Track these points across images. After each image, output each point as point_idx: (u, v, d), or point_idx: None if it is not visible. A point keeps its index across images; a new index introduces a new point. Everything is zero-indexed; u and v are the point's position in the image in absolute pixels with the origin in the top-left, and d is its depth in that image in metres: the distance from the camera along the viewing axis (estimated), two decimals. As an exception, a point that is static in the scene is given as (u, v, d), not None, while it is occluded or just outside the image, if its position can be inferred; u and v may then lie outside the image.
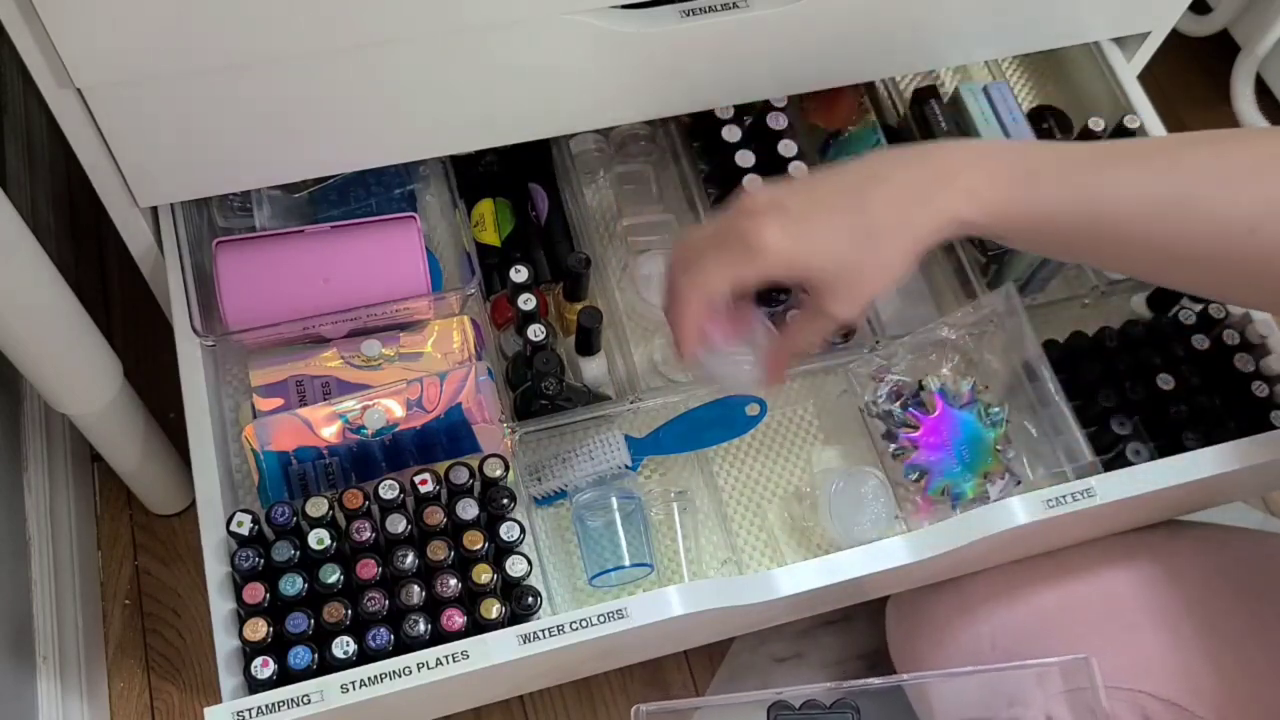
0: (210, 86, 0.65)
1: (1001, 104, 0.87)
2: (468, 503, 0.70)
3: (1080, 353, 0.82)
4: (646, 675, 1.03)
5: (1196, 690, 0.74)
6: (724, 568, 0.78)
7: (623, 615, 0.65)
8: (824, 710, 0.60)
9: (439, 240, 0.87)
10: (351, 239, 0.77)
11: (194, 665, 1.02)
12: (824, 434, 0.84)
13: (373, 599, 0.66)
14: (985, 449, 0.78)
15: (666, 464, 0.81)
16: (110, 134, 0.67)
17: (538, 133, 0.78)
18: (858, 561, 0.69)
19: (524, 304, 0.76)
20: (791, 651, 1.04)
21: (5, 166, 1.06)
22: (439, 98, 0.72)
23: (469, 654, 0.63)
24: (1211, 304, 0.83)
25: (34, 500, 0.97)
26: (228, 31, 0.61)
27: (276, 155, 0.73)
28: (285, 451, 0.71)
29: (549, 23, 0.68)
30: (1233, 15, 1.32)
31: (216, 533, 0.68)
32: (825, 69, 0.80)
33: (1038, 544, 0.80)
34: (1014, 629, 0.79)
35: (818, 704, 0.60)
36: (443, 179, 0.86)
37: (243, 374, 0.78)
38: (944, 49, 0.83)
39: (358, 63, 0.67)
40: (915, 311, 0.86)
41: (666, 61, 0.74)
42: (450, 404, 0.73)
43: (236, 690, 0.65)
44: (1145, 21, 0.89)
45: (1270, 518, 1.16)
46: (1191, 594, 0.78)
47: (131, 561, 1.06)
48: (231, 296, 0.75)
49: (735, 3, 0.72)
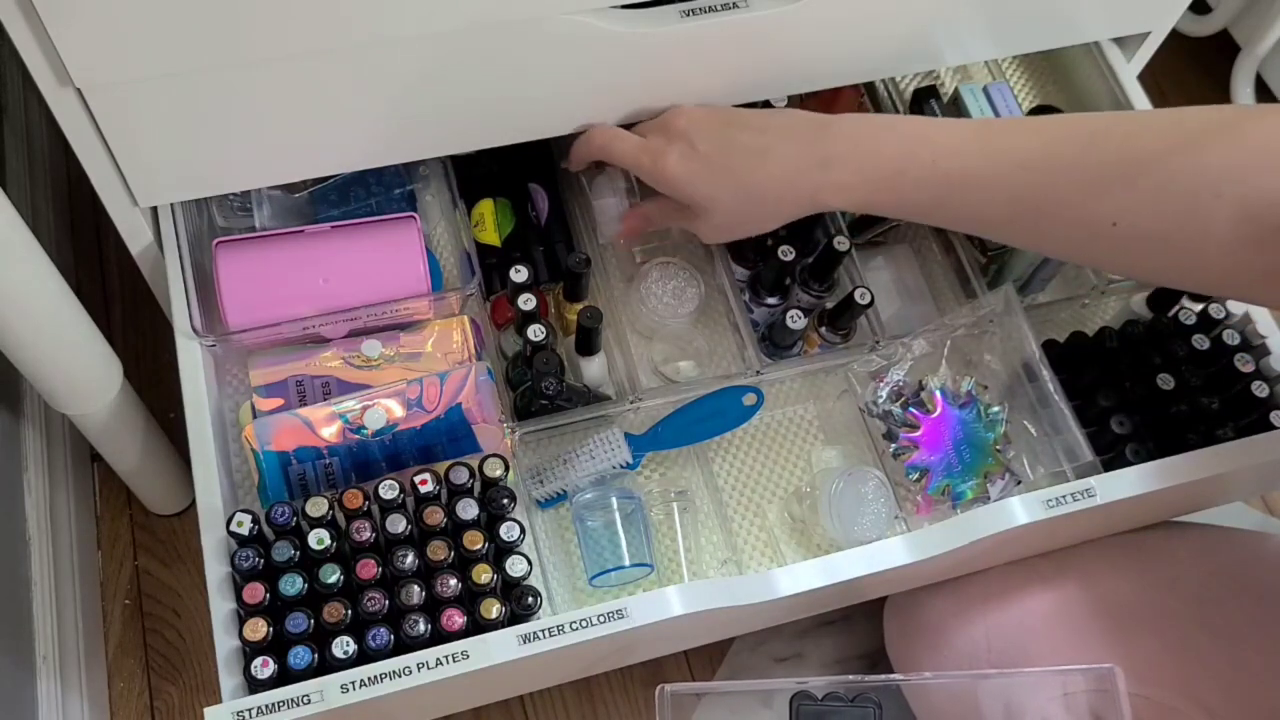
0: (210, 86, 0.65)
1: (1001, 104, 0.88)
2: (468, 503, 0.70)
3: (1080, 353, 0.82)
4: (646, 675, 1.03)
5: (1194, 692, 0.73)
6: (724, 568, 0.78)
7: (623, 615, 0.65)
8: (846, 703, 0.60)
9: (439, 240, 0.87)
10: (351, 239, 0.77)
11: (194, 665, 1.02)
12: (824, 434, 0.84)
13: (373, 599, 0.66)
14: (985, 449, 0.78)
15: (666, 464, 0.81)
16: (110, 134, 0.67)
17: (538, 133, 0.78)
18: (857, 561, 0.69)
19: (524, 304, 0.76)
20: (791, 651, 1.04)
21: (5, 166, 1.06)
22: (439, 98, 0.72)
23: (469, 654, 0.63)
24: (1211, 304, 0.83)
25: (34, 500, 0.97)
26: (227, 31, 0.61)
27: (276, 155, 0.73)
28: (285, 451, 0.71)
29: (549, 23, 0.68)
30: (1233, 15, 1.32)
31: (216, 533, 0.68)
32: (825, 69, 0.80)
33: (1037, 544, 0.80)
34: (1010, 629, 0.79)
35: (839, 696, 0.60)
36: (443, 179, 0.86)
37: (243, 374, 0.78)
38: (944, 49, 0.83)
39: (358, 62, 0.67)
40: (915, 311, 0.86)
41: (666, 61, 0.74)
42: (450, 404, 0.73)
43: (236, 690, 0.65)
44: (1145, 21, 0.89)
45: (1270, 518, 1.16)
46: (1191, 595, 0.78)
47: (131, 561, 1.06)
48: (231, 296, 0.75)
49: (735, 3, 0.72)
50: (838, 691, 0.61)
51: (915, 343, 0.80)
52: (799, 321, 0.78)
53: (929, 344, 0.81)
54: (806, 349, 0.81)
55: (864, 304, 0.77)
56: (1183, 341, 0.82)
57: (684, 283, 0.84)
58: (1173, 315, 0.84)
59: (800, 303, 0.81)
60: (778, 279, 0.81)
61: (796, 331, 0.78)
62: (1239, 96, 1.31)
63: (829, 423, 0.84)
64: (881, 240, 0.88)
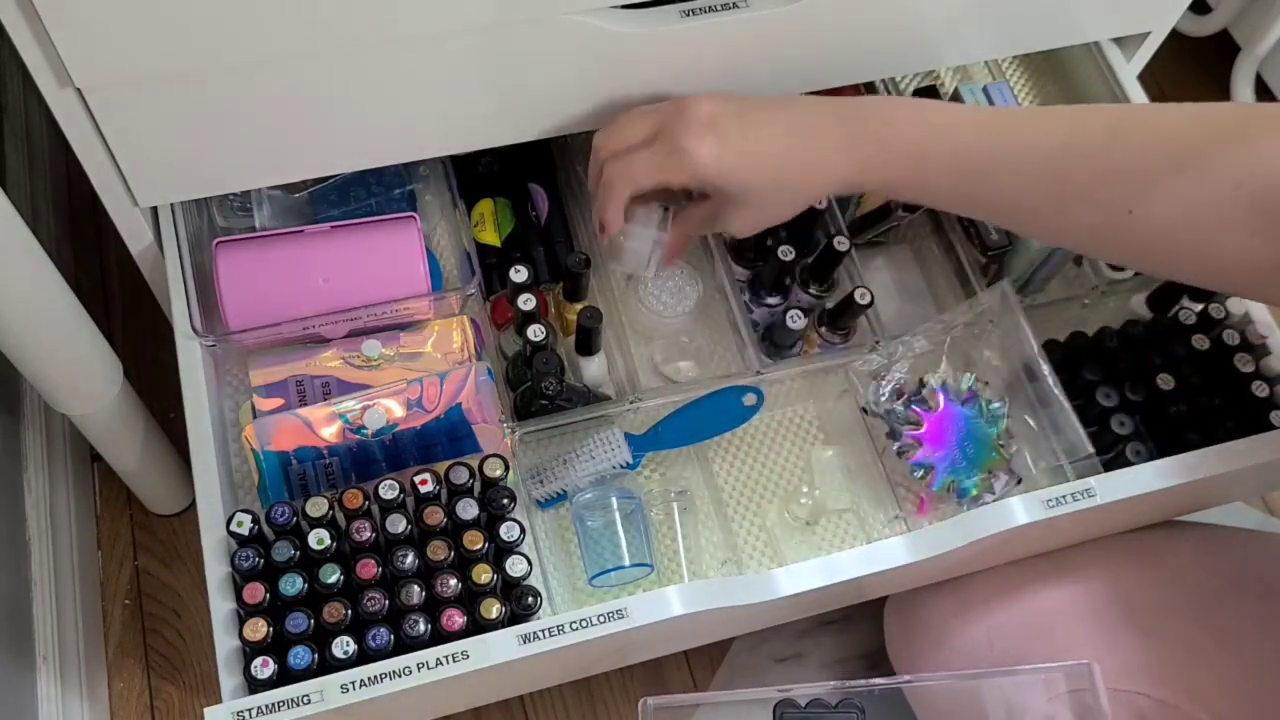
0: (210, 86, 0.65)
1: (1001, 104, 0.88)
2: (468, 503, 0.70)
3: (1080, 353, 0.82)
4: (646, 675, 1.03)
5: (1194, 691, 0.73)
6: (724, 568, 0.78)
7: (623, 615, 0.65)
8: (829, 710, 0.60)
9: (439, 240, 0.87)
10: (351, 239, 0.77)
11: (194, 665, 1.02)
12: (824, 434, 0.84)
13: (373, 599, 0.66)
14: (989, 444, 0.78)
15: (666, 463, 0.81)
16: (110, 134, 0.67)
17: (538, 133, 0.78)
18: (858, 561, 0.69)
19: (524, 304, 0.76)
20: (791, 651, 1.04)
21: (5, 166, 1.06)
22: (439, 98, 0.72)
23: (469, 654, 0.63)
24: (1211, 304, 0.83)
25: (34, 500, 0.97)
26: (227, 31, 0.61)
27: (276, 155, 0.73)
28: (285, 451, 0.71)
29: (549, 23, 0.68)
30: (1233, 15, 1.32)
31: (216, 533, 0.68)
32: (825, 69, 0.80)
33: (1037, 544, 0.80)
34: (1012, 630, 0.79)
35: (823, 703, 0.60)
36: (443, 179, 0.86)
37: (243, 374, 0.78)
38: (944, 49, 0.83)
39: (357, 63, 0.67)
40: (915, 311, 0.86)
41: (666, 61, 0.74)
42: (450, 404, 0.73)
43: (236, 690, 0.65)
44: (1145, 21, 0.89)
45: (1270, 518, 1.16)
46: (1190, 594, 0.78)
47: (131, 561, 1.06)
48: (231, 296, 0.75)
49: (735, 3, 0.72)
50: (822, 698, 0.61)
51: (915, 341, 0.80)
52: (799, 321, 0.78)
53: (929, 342, 0.81)
54: (806, 349, 0.81)
55: (864, 304, 0.77)
56: (1183, 341, 0.82)
57: (683, 282, 0.84)
58: (1173, 315, 0.84)
59: (800, 303, 0.81)
60: (778, 279, 0.81)
61: (796, 331, 0.78)
62: (1239, 96, 1.31)
63: (829, 423, 0.84)
64: (881, 240, 0.88)
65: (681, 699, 0.66)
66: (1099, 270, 0.85)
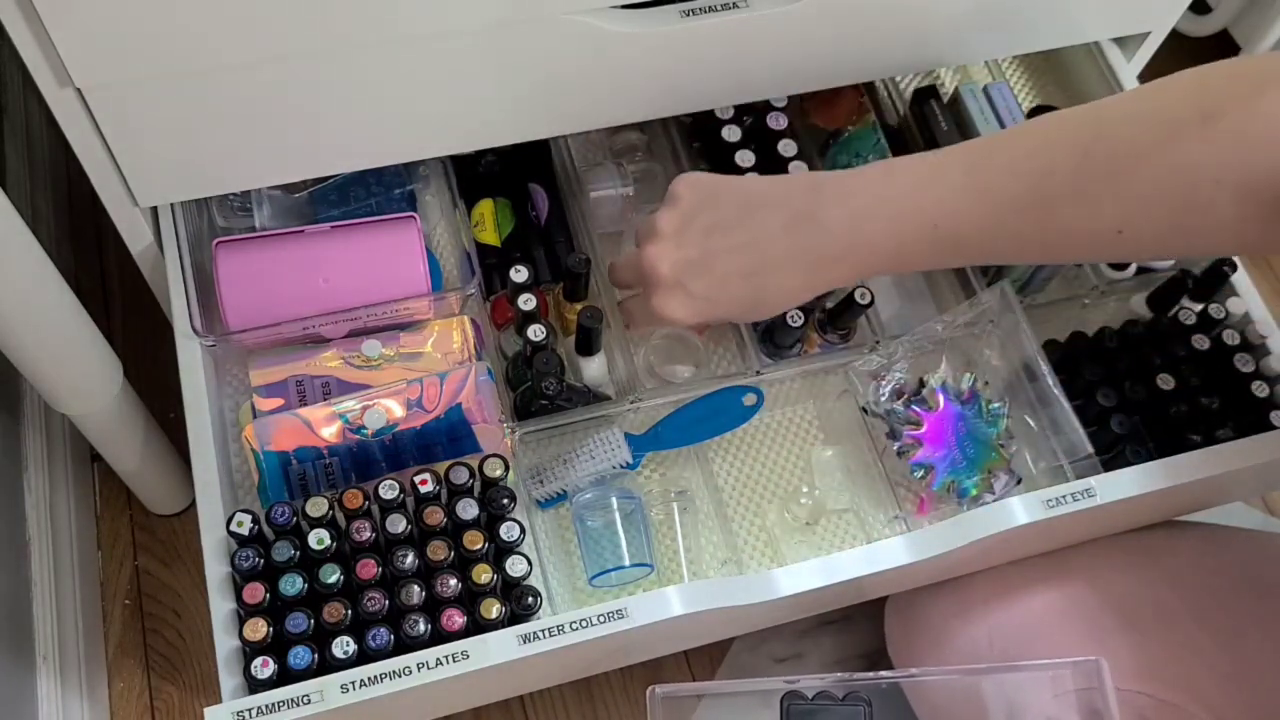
0: (209, 86, 0.65)
1: (1001, 104, 0.88)
2: (468, 503, 0.70)
3: (1080, 353, 0.82)
4: (646, 675, 1.03)
5: (1195, 691, 0.73)
6: (724, 568, 0.78)
7: (623, 615, 0.65)
8: (836, 702, 0.60)
9: (439, 240, 0.87)
10: (351, 239, 0.77)
11: (194, 665, 1.02)
12: (824, 434, 0.84)
13: (373, 599, 0.66)
14: (989, 444, 0.78)
15: (666, 463, 0.81)
16: (110, 134, 0.67)
17: (538, 133, 0.78)
18: (858, 561, 0.69)
19: (524, 304, 0.76)
20: (791, 651, 1.04)
21: (5, 166, 1.06)
22: (439, 98, 0.72)
23: (469, 654, 0.63)
24: (1211, 304, 0.83)
25: (34, 500, 0.97)
26: (227, 31, 0.61)
27: (276, 155, 0.73)
28: (285, 451, 0.71)
29: (549, 23, 0.68)
30: (1233, 15, 1.32)
31: (216, 533, 0.68)
32: (825, 69, 0.80)
33: (1037, 544, 0.80)
34: (1012, 630, 0.79)
35: (830, 695, 0.60)
36: (443, 179, 0.86)
37: (243, 374, 0.78)
38: (944, 49, 0.83)
39: (357, 62, 0.67)
40: (915, 311, 0.86)
41: (666, 61, 0.74)
42: (450, 404, 0.73)
43: (236, 690, 0.65)
44: (1145, 21, 0.89)
45: (1270, 518, 1.16)
46: (1191, 594, 0.78)
47: (131, 561, 1.06)
48: (231, 296, 0.75)
49: (735, 3, 0.72)
50: (829, 690, 0.61)
51: (915, 341, 0.80)
52: (799, 321, 0.78)
53: (929, 342, 0.81)
54: (806, 349, 0.81)
55: (864, 304, 0.77)
56: (1183, 341, 0.82)
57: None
58: (1173, 315, 0.84)
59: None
60: (778, 279, 0.81)
61: (796, 331, 0.78)
62: (1239, 96, 1.31)
63: (829, 423, 0.84)
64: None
65: (689, 688, 0.66)
66: (1099, 270, 0.85)
